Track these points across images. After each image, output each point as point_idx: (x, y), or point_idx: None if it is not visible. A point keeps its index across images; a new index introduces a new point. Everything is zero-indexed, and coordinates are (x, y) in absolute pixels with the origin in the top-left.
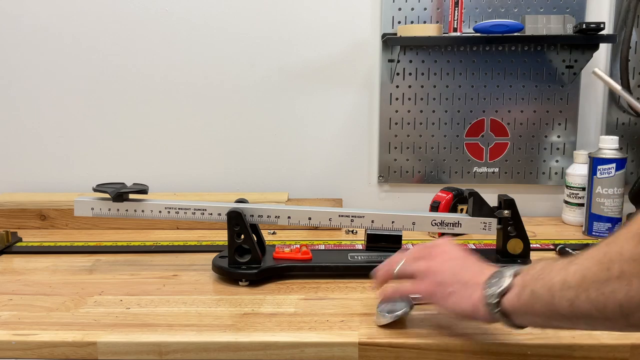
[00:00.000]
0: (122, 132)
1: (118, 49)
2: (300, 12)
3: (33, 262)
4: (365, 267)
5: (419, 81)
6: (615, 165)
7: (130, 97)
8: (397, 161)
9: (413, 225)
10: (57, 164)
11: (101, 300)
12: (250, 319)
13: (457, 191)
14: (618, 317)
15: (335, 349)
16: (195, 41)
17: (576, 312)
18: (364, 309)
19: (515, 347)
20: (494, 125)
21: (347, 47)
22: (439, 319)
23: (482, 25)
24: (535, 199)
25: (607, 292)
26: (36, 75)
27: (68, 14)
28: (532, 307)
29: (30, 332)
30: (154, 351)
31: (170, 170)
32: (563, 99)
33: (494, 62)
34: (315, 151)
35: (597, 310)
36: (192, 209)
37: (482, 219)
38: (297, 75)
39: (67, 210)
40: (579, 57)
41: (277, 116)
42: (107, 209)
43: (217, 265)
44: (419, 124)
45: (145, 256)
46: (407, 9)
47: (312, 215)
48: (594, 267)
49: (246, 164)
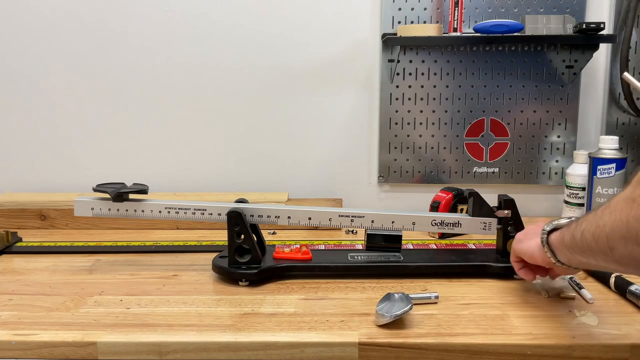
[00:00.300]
0: (122, 132)
1: (118, 49)
2: (301, 12)
3: (33, 262)
4: (365, 267)
5: (419, 81)
6: (615, 165)
7: (131, 97)
8: (397, 161)
9: (413, 225)
10: (57, 164)
11: (101, 300)
12: (250, 319)
13: (457, 191)
14: (607, 251)
15: (335, 349)
16: (195, 41)
17: (585, 245)
18: (364, 309)
19: (515, 347)
20: (494, 125)
21: (347, 47)
22: (439, 319)
23: (482, 25)
24: (535, 199)
25: (600, 224)
26: (36, 75)
27: (68, 14)
28: (564, 242)
29: (30, 332)
30: (154, 351)
31: (170, 170)
32: (563, 99)
33: (494, 62)
34: (315, 151)
35: (595, 243)
36: (192, 209)
37: (482, 219)
38: (297, 75)
39: (67, 210)
40: (579, 57)
41: (277, 116)
42: (107, 209)
43: (217, 265)
44: (419, 124)
45: (145, 256)
46: (407, 9)
47: (312, 215)
48: (600, 207)
49: (246, 164)
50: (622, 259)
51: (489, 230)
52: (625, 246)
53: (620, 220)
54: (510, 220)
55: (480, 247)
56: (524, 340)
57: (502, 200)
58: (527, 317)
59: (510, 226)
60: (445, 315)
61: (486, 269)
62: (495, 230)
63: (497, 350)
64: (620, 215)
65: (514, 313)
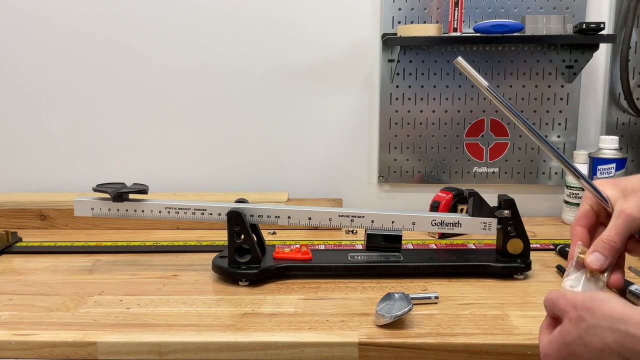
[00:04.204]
0: (122, 132)
1: (118, 49)
2: (301, 12)
3: (33, 262)
4: (365, 267)
5: (419, 81)
6: (615, 165)
7: (130, 97)
8: (397, 161)
9: (413, 225)
10: (57, 164)
11: (101, 300)
12: (250, 319)
13: (457, 191)
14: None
15: (335, 349)
16: (195, 41)
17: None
18: (364, 309)
19: (515, 347)
20: (494, 125)
21: (347, 47)
22: (439, 319)
23: (482, 25)
24: (535, 199)
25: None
26: (36, 75)
27: (68, 15)
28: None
29: (30, 332)
30: (154, 351)
31: (170, 170)
32: (563, 99)
33: (494, 62)
34: (315, 151)
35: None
36: (192, 209)
37: (482, 219)
38: (298, 75)
39: (67, 210)
40: (579, 57)
41: (277, 116)
42: (107, 209)
43: (217, 265)
44: (419, 124)
45: (145, 256)
46: (407, 9)
47: (312, 215)
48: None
49: (246, 164)
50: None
51: (489, 230)
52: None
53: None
54: (510, 220)
55: (480, 247)
56: (524, 340)
57: (502, 200)
58: (527, 317)
59: (510, 226)
60: (445, 315)
61: (486, 269)
62: (495, 230)
63: (497, 350)
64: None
65: (514, 313)
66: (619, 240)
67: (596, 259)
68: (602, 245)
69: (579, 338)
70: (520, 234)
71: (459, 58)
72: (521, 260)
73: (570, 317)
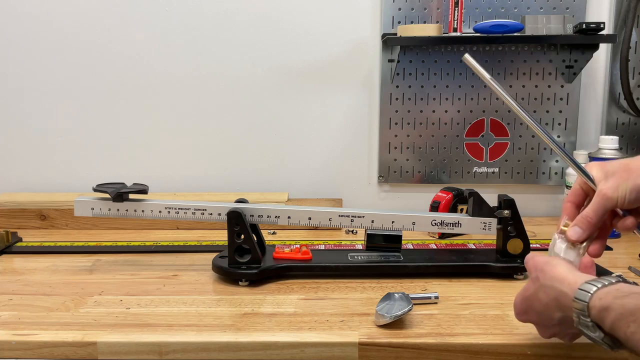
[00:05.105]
0: (122, 132)
1: (118, 49)
2: (301, 12)
3: (33, 262)
4: (365, 267)
5: (419, 81)
6: None
7: (131, 97)
8: (397, 161)
9: (413, 225)
10: (57, 164)
11: (101, 300)
12: (250, 319)
13: (457, 191)
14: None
15: (335, 349)
16: (196, 41)
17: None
18: (364, 309)
19: (515, 347)
20: (494, 125)
21: (347, 47)
22: (439, 319)
23: (482, 25)
24: (535, 199)
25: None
26: (36, 75)
27: (69, 15)
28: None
29: (30, 332)
30: (154, 351)
31: (170, 170)
32: (563, 99)
33: (494, 62)
34: (315, 151)
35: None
36: (192, 209)
37: (482, 219)
38: (298, 75)
39: (67, 210)
40: (579, 57)
41: (277, 116)
42: (107, 209)
43: (217, 265)
44: (419, 124)
45: (145, 256)
46: (407, 9)
47: (312, 215)
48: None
49: (246, 164)
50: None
51: (489, 230)
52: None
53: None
54: (510, 220)
55: (480, 247)
56: (524, 340)
57: (502, 200)
58: None
59: (510, 226)
60: (445, 315)
61: (486, 269)
62: (495, 230)
63: (497, 350)
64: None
65: (514, 313)
66: (594, 217)
67: (574, 231)
68: (580, 220)
69: (534, 294)
70: (520, 234)
71: (466, 55)
72: (521, 260)
73: (532, 276)
